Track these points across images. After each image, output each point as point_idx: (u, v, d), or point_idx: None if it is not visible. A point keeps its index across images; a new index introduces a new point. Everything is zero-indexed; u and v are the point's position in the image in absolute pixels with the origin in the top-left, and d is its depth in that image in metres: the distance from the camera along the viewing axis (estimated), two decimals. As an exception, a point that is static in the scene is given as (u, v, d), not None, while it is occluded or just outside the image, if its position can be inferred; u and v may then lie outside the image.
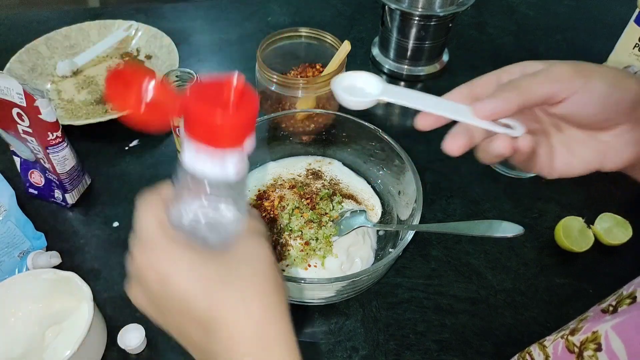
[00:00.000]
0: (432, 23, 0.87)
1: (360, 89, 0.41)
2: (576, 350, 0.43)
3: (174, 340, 0.59)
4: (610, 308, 0.45)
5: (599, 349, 0.41)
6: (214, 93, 0.28)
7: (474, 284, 0.65)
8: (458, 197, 0.75)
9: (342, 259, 0.61)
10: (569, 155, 0.41)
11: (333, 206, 0.65)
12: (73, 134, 0.77)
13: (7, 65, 0.85)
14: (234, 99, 0.28)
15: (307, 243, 0.61)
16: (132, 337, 0.57)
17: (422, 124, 0.42)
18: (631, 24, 0.86)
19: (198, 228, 0.32)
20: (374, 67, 0.97)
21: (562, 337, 0.46)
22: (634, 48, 0.87)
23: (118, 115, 0.78)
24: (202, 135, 0.29)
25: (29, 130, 0.62)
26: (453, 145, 0.41)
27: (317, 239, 0.61)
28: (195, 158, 0.30)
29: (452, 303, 0.63)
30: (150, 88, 0.29)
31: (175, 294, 0.31)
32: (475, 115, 0.39)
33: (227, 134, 0.29)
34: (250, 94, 0.29)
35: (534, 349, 0.49)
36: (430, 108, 0.41)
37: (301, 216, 0.63)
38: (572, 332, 0.44)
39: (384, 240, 0.66)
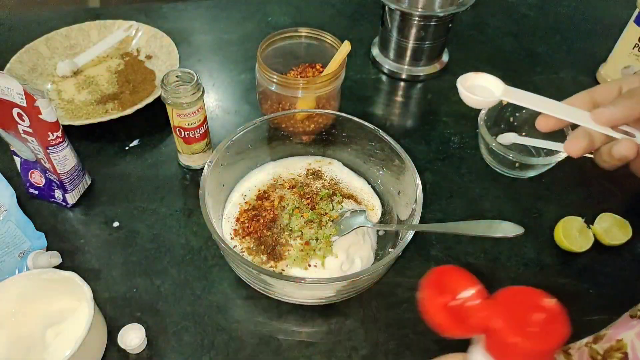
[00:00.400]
0: (432, 23, 0.87)
1: (481, 89, 0.43)
2: (599, 358, 0.42)
3: (174, 340, 0.59)
4: (638, 313, 0.45)
5: (625, 358, 0.40)
6: (522, 315, 0.27)
7: (474, 284, 0.65)
8: (458, 197, 0.75)
9: (342, 259, 0.61)
10: None
11: (333, 206, 0.65)
12: (73, 134, 0.77)
13: (8, 65, 0.85)
14: (544, 327, 0.27)
15: (307, 243, 0.61)
16: (132, 337, 0.57)
17: (543, 125, 0.43)
18: (631, 24, 0.86)
19: None
20: (374, 67, 0.97)
21: (586, 344, 0.45)
22: (633, 48, 0.87)
23: (118, 115, 0.78)
24: (501, 355, 0.28)
25: (30, 130, 0.62)
26: (574, 146, 0.42)
27: (317, 239, 0.61)
28: None
29: (452, 303, 0.63)
30: (464, 296, 0.28)
31: None
32: (595, 121, 0.40)
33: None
34: (559, 319, 0.27)
35: (558, 358, 0.49)
36: (551, 111, 0.42)
37: (301, 216, 0.63)
38: (596, 340, 0.44)
39: (384, 240, 0.66)
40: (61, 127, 0.64)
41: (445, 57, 0.97)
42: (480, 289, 0.29)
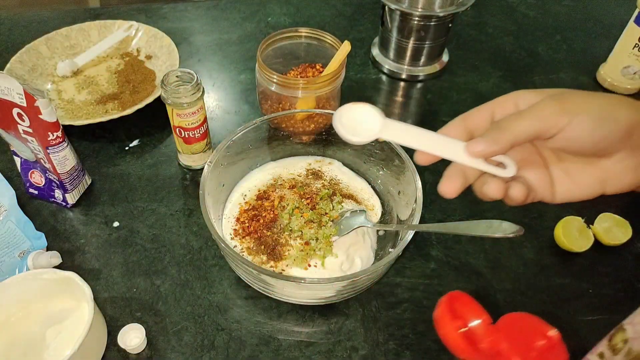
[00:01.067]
0: (432, 23, 0.87)
1: (360, 122, 0.42)
2: None
3: (174, 340, 0.59)
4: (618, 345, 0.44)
5: None
6: (525, 340, 0.29)
7: (474, 284, 0.65)
8: (458, 197, 0.75)
9: (342, 259, 0.61)
10: (570, 183, 0.42)
11: (333, 206, 0.65)
12: (73, 134, 0.77)
13: (8, 65, 0.85)
14: (545, 353, 0.28)
15: (307, 243, 0.61)
16: (132, 337, 0.57)
17: (421, 160, 0.44)
18: (631, 24, 0.86)
19: None
20: (374, 67, 0.97)
21: None
22: (633, 48, 0.87)
23: (118, 115, 0.78)
24: None
25: (30, 130, 0.62)
26: (448, 188, 0.43)
27: (317, 239, 0.61)
28: None
29: (452, 303, 0.63)
30: (472, 324, 0.30)
31: None
32: (468, 154, 0.40)
33: None
34: (559, 347, 0.29)
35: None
36: (426, 147, 0.42)
37: (301, 216, 0.63)
38: None
39: (384, 240, 0.66)
40: (61, 127, 0.64)
41: (445, 57, 0.97)
42: (486, 318, 0.31)
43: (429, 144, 0.42)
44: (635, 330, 0.41)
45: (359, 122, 0.41)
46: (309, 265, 0.60)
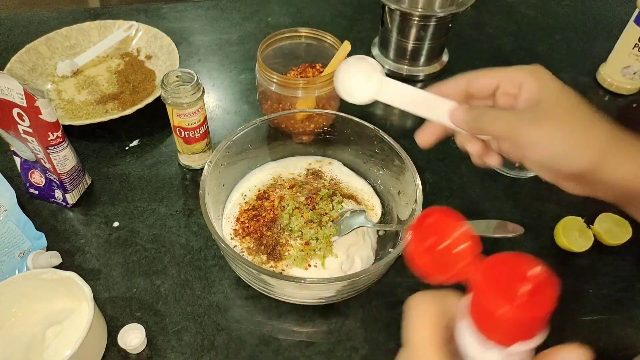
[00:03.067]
0: (432, 23, 0.87)
1: (362, 80, 0.45)
2: None
3: (174, 340, 0.59)
4: None
5: None
6: (508, 278, 0.26)
7: (474, 284, 0.65)
8: (458, 197, 0.75)
9: (342, 259, 0.61)
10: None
11: (333, 206, 0.65)
12: (73, 134, 0.77)
13: (8, 65, 0.85)
14: (530, 296, 0.25)
15: (307, 243, 0.61)
16: (132, 337, 0.57)
17: (422, 141, 0.47)
18: (631, 24, 0.86)
19: None
20: (374, 67, 0.97)
21: None
22: (633, 48, 0.87)
23: (118, 115, 0.78)
24: (480, 322, 0.27)
25: (30, 130, 0.62)
26: (423, 139, 0.46)
27: (317, 239, 0.61)
28: (470, 342, 0.27)
29: (452, 303, 0.63)
30: (449, 241, 0.29)
31: None
32: (450, 120, 0.44)
33: (508, 333, 0.26)
34: (550, 288, 0.26)
35: None
36: (414, 109, 0.45)
37: (301, 216, 0.63)
38: None
39: (384, 240, 0.66)
40: (61, 127, 0.64)
41: (445, 57, 0.97)
42: (474, 243, 0.29)
43: (420, 106, 0.45)
44: None
45: (358, 81, 0.45)
46: (309, 266, 0.60)
